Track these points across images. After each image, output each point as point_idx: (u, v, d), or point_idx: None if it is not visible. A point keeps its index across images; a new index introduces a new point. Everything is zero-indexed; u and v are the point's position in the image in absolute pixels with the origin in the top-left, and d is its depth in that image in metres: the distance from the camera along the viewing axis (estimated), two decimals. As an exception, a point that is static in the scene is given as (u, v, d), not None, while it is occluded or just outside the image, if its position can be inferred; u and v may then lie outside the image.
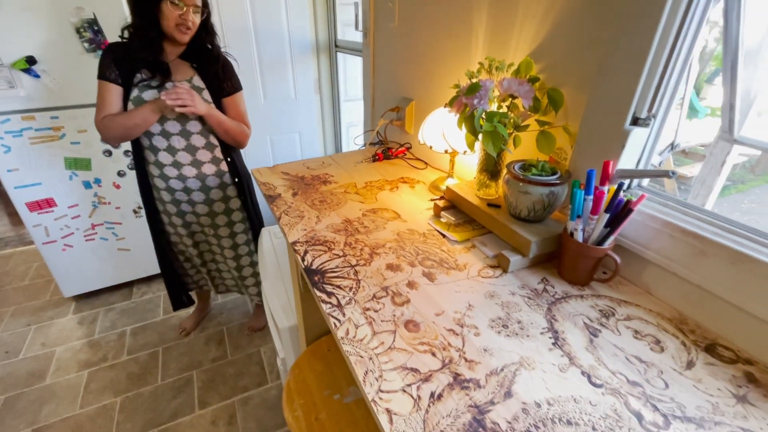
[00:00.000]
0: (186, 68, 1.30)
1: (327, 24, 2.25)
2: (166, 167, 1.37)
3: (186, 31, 1.20)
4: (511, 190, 0.75)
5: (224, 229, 1.57)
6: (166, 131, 1.31)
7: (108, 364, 1.76)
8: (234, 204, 1.53)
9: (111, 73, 1.20)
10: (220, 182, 1.47)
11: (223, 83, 1.35)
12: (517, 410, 0.49)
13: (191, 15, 1.18)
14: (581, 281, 0.71)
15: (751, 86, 0.84)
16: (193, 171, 1.40)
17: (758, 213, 3.36)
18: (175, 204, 1.46)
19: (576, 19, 0.72)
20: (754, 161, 3.97)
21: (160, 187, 1.42)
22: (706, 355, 0.58)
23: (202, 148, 1.38)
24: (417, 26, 1.18)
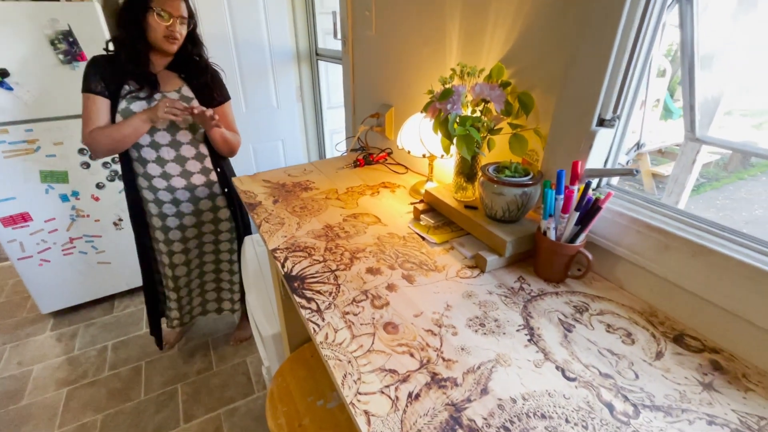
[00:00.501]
0: (174, 79, 1.30)
1: (307, 33, 2.26)
2: (154, 179, 1.36)
3: (174, 42, 1.20)
4: (486, 192, 0.77)
5: (209, 236, 1.56)
6: (155, 142, 1.30)
7: (88, 380, 1.71)
8: (222, 214, 1.53)
9: (97, 86, 1.19)
10: (209, 192, 1.46)
11: (212, 93, 1.35)
12: (493, 406, 0.50)
13: (178, 26, 1.18)
14: (556, 278, 0.72)
15: (714, 88, 0.88)
16: (182, 182, 1.39)
17: (732, 209, 3.48)
18: (161, 218, 1.44)
19: (542, 26, 0.75)
20: (727, 159, 4.11)
21: (148, 199, 1.40)
22: (675, 346, 0.60)
23: (191, 159, 1.38)
24: (393, 34, 1.20)
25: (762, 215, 3.29)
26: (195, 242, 1.54)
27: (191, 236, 1.51)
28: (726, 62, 0.86)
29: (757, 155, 0.85)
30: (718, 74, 0.87)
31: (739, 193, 3.64)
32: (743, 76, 0.94)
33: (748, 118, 1.24)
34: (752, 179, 3.85)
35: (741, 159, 3.97)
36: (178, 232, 1.48)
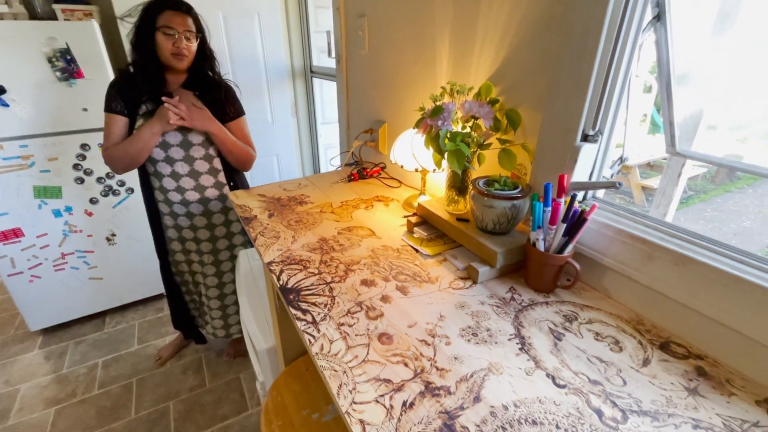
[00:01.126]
0: (189, 96, 1.33)
1: (302, 51, 2.32)
2: (170, 192, 1.39)
3: (182, 59, 1.23)
4: (477, 205, 0.79)
5: (224, 253, 1.58)
6: (169, 157, 1.34)
7: (77, 399, 1.68)
8: (236, 228, 1.56)
9: (116, 105, 1.24)
10: (223, 206, 1.49)
11: (226, 108, 1.38)
12: (485, 414, 0.51)
13: (184, 41, 1.21)
14: (546, 288, 0.74)
15: (693, 104, 0.92)
16: (197, 195, 1.43)
17: (720, 221, 3.55)
18: (177, 230, 1.47)
19: (527, 46, 0.78)
20: (714, 172, 4.22)
21: (164, 212, 1.44)
22: (661, 353, 0.61)
23: (205, 173, 1.41)
24: (386, 53, 1.24)
25: (750, 227, 3.36)
26: (211, 257, 1.55)
27: (207, 250, 1.53)
28: (705, 79, 0.90)
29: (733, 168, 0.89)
30: (697, 91, 0.91)
31: (727, 205, 3.72)
32: (725, 91, 0.98)
33: (734, 132, 1.29)
34: (739, 191, 3.94)
35: (727, 172, 4.07)
36: (193, 243, 1.51)
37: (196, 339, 1.82)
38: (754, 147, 1.27)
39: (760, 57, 0.79)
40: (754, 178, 4.10)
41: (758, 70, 0.83)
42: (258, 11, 2.05)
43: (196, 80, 1.34)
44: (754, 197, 3.87)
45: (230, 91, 1.41)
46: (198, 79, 1.34)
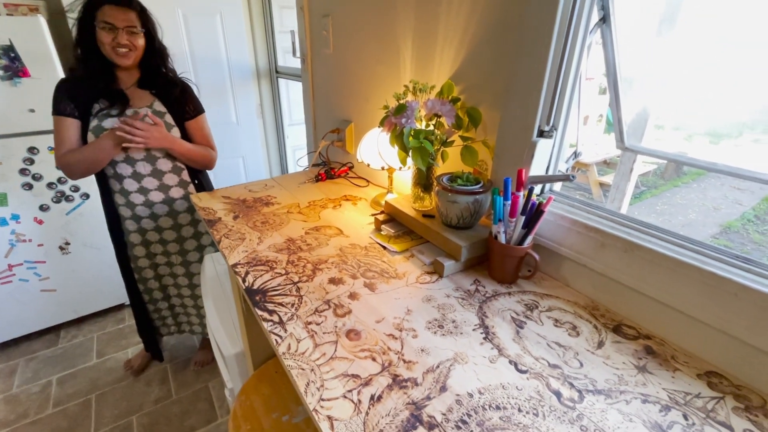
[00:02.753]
0: (145, 95, 1.28)
1: (266, 50, 2.28)
2: (132, 194, 1.33)
3: (125, 54, 1.17)
4: (441, 201, 0.81)
5: (193, 254, 1.53)
6: (130, 158, 1.28)
7: (29, 420, 1.57)
8: (202, 227, 1.51)
9: (66, 107, 1.17)
10: (188, 206, 1.44)
11: (184, 106, 1.34)
12: (451, 402, 0.52)
13: (126, 36, 1.15)
14: (508, 279, 0.77)
15: (640, 103, 0.99)
16: (161, 196, 1.37)
17: (670, 213, 3.79)
18: (141, 233, 1.41)
19: (485, 47, 0.81)
20: (663, 168, 4.50)
21: (125, 216, 1.37)
22: (614, 335, 0.65)
23: (168, 172, 1.36)
24: (351, 53, 1.25)
25: (695, 219, 3.61)
26: (179, 258, 1.51)
27: (174, 251, 1.49)
28: (650, 80, 0.97)
29: (676, 161, 0.95)
30: (643, 90, 0.97)
31: (675, 199, 3.98)
32: (668, 92, 1.05)
33: (679, 131, 1.37)
34: (685, 186, 4.23)
35: (675, 168, 4.36)
36: (159, 246, 1.45)
37: (153, 354, 1.76)
38: (698, 144, 1.37)
39: (700, 59, 0.85)
40: (699, 173, 4.41)
41: (699, 71, 0.89)
42: (220, 10, 2.00)
43: (150, 78, 1.29)
44: (698, 191, 4.16)
45: (187, 89, 1.37)
46: (152, 77, 1.29)
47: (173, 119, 1.32)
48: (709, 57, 0.85)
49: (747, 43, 0.75)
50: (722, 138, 1.15)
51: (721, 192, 4.10)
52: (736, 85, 0.85)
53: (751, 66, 0.76)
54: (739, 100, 0.91)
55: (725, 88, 0.89)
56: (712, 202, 3.92)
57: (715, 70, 0.88)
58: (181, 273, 1.54)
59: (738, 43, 0.76)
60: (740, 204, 3.81)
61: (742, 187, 4.05)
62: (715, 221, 3.59)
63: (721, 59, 0.82)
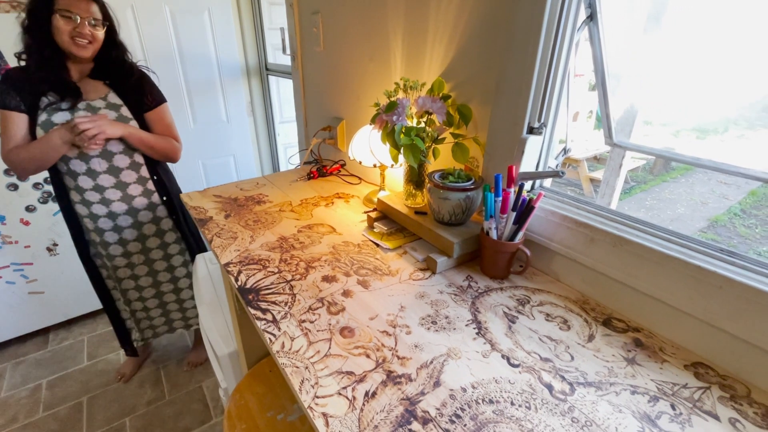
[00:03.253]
0: (98, 86, 1.22)
1: (256, 48, 2.26)
2: (87, 192, 1.27)
3: (85, 45, 1.12)
4: (433, 198, 0.81)
5: (157, 252, 1.48)
6: (92, 170, 1.23)
7: (19, 425, 1.55)
8: (166, 224, 1.46)
9: (11, 101, 1.11)
10: (149, 203, 1.39)
11: (143, 97, 1.27)
12: (445, 397, 0.53)
13: (88, 28, 1.11)
14: (500, 275, 0.78)
15: (628, 99, 1.00)
16: (118, 194, 1.31)
17: (658, 208, 3.84)
18: (99, 233, 1.35)
19: (474, 45, 0.81)
20: (652, 164, 4.56)
21: (83, 215, 1.32)
22: (604, 328, 0.66)
23: (126, 169, 1.30)
24: (341, 50, 1.24)
25: (684, 213, 3.67)
26: (142, 257, 1.46)
27: (135, 251, 1.43)
28: (637, 76, 0.98)
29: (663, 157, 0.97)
30: (631, 87, 0.98)
31: (664, 194, 4.05)
32: (655, 89, 1.07)
33: (667, 127, 1.40)
34: (674, 181, 4.30)
35: (664, 163, 4.42)
36: (119, 246, 1.39)
37: (127, 351, 1.70)
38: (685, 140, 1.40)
39: (688, 56, 0.87)
40: (686, 169, 4.48)
41: (686, 68, 0.90)
42: (208, 7, 1.98)
43: (104, 68, 1.22)
44: (686, 186, 4.23)
45: (145, 78, 1.29)
46: (106, 67, 1.22)
47: (130, 111, 1.25)
48: (696, 53, 0.86)
49: (734, 40, 0.76)
50: (708, 134, 1.16)
51: (708, 187, 4.17)
52: (723, 81, 0.87)
53: (738, 62, 0.77)
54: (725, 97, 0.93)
55: (712, 85, 0.91)
56: (700, 197, 3.99)
57: (702, 67, 0.89)
58: (143, 273, 1.49)
59: (725, 39, 0.78)
60: (727, 198, 3.88)
61: (729, 182, 4.12)
62: (703, 216, 3.66)
63: (708, 56, 0.84)
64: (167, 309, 1.63)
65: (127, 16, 1.77)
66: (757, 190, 3.92)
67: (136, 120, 1.27)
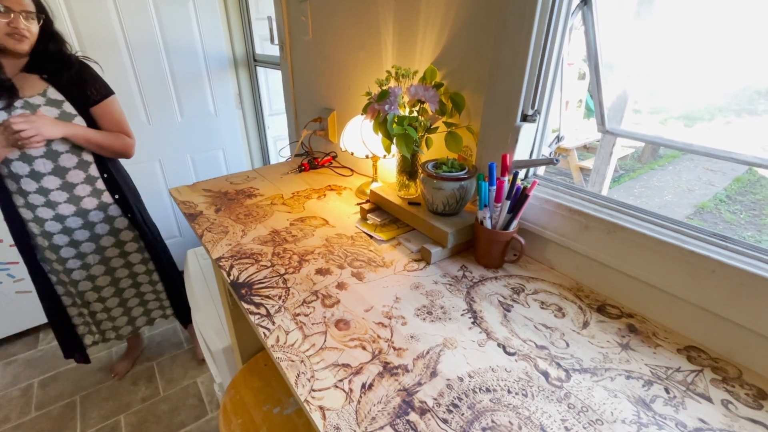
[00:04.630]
0: (35, 81, 1.15)
1: (243, 38, 2.21)
2: (30, 195, 1.20)
3: (20, 40, 1.06)
4: (427, 188, 0.80)
5: (112, 250, 1.41)
6: (27, 155, 1.15)
7: (11, 425, 1.53)
8: (120, 223, 1.39)
9: None
10: (99, 202, 1.32)
11: (85, 90, 1.19)
12: (442, 387, 0.53)
13: (23, 22, 1.04)
14: (495, 264, 0.78)
15: (620, 86, 1.00)
16: (64, 195, 1.24)
17: (647, 196, 3.89)
18: (46, 236, 1.28)
19: (467, 31, 0.80)
20: (640, 152, 4.60)
21: (27, 219, 1.24)
22: (598, 315, 0.67)
23: (73, 168, 1.23)
24: (331, 38, 1.22)
25: (671, 200, 3.72)
26: (97, 257, 1.39)
27: (89, 251, 1.36)
28: (628, 63, 0.98)
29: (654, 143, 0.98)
30: (622, 74, 0.98)
31: (652, 182, 4.09)
32: (645, 76, 1.07)
33: (655, 115, 1.40)
34: (661, 169, 4.35)
35: (652, 151, 4.47)
36: (70, 249, 1.33)
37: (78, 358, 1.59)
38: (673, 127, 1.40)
39: (677, 43, 0.86)
40: (674, 156, 4.53)
41: (676, 55, 0.90)
42: (192, -4, 1.93)
43: (40, 62, 1.14)
44: (673, 173, 4.28)
45: (87, 69, 1.21)
46: (42, 60, 1.14)
47: (74, 107, 1.18)
48: (685, 41, 0.86)
49: (723, 27, 0.76)
50: (696, 121, 1.17)
51: (695, 174, 4.23)
52: (712, 68, 0.87)
53: (725, 49, 0.77)
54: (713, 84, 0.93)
55: (701, 72, 0.91)
56: (687, 184, 4.05)
57: (692, 53, 0.89)
58: (100, 273, 1.43)
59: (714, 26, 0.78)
60: (713, 185, 3.94)
61: (715, 169, 4.18)
62: (690, 202, 3.71)
63: (698, 42, 0.83)
64: (128, 306, 1.55)
65: (108, 6, 1.72)
66: (742, 177, 3.98)
67: (81, 116, 1.20)
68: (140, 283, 1.54)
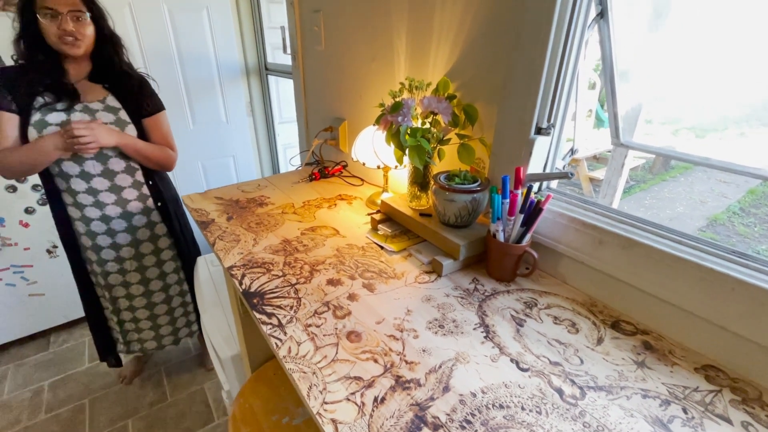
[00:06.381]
0: (97, 89, 1.20)
1: (255, 47, 2.25)
2: (79, 195, 1.24)
3: (74, 42, 1.09)
4: (439, 200, 0.80)
5: (150, 258, 1.45)
6: (79, 156, 1.19)
7: (21, 426, 1.54)
8: (160, 230, 1.43)
9: (2, 100, 1.08)
10: (144, 207, 1.36)
11: (141, 102, 1.26)
12: (455, 402, 0.52)
13: (71, 23, 1.07)
14: (507, 278, 0.77)
15: (633, 98, 0.99)
16: (112, 197, 1.29)
17: (658, 207, 3.84)
18: (91, 236, 1.32)
19: (481, 43, 0.81)
20: (651, 163, 4.56)
21: (74, 217, 1.29)
22: (612, 331, 0.66)
23: (121, 172, 1.28)
24: (343, 49, 1.23)
25: (683, 212, 3.67)
26: (134, 263, 1.42)
27: (128, 256, 1.40)
28: (642, 75, 0.97)
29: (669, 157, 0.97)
30: (636, 86, 0.98)
31: (663, 193, 4.04)
32: (658, 87, 1.07)
33: (666, 126, 1.39)
34: (673, 180, 4.29)
35: (663, 162, 4.42)
36: (111, 251, 1.36)
37: (110, 362, 1.63)
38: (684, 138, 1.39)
39: (691, 54, 0.86)
40: (686, 167, 4.47)
41: (689, 66, 0.90)
42: (207, 5, 1.96)
43: (103, 71, 1.20)
44: (685, 185, 4.23)
45: (146, 84, 1.28)
46: (105, 70, 1.20)
47: (129, 116, 1.24)
48: (699, 52, 0.85)
49: (737, 38, 0.75)
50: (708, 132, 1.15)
51: (708, 185, 4.17)
52: (726, 79, 0.86)
53: (741, 61, 0.77)
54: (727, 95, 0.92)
55: (714, 83, 0.90)
56: (699, 196, 3.99)
57: (706, 65, 0.88)
58: (135, 281, 1.45)
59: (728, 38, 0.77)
60: (726, 197, 3.88)
61: (728, 181, 4.12)
62: (702, 214, 3.66)
63: (712, 54, 0.83)
64: (157, 323, 1.57)
65: (124, 14, 1.76)
66: (756, 189, 3.92)
67: (133, 124, 1.25)
68: (171, 296, 1.55)
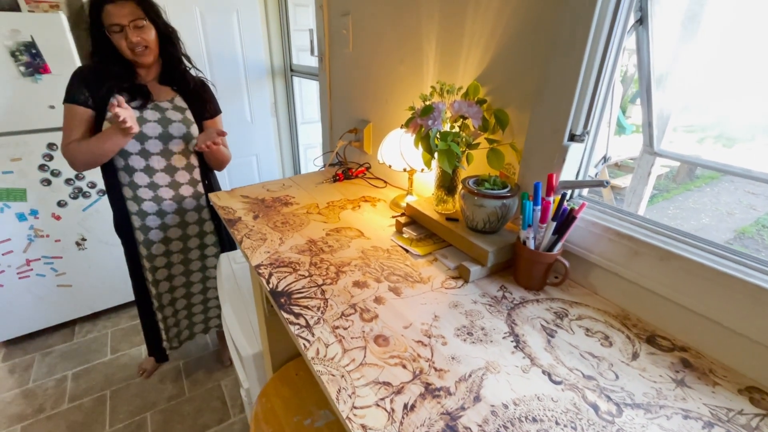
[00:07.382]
0: (166, 90, 1.28)
1: (281, 49, 2.28)
2: (140, 189, 1.30)
3: (143, 51, 1.17)
4: (467, 204, 0.79)
5: (195, 252, 1.51)
6: (146, 150, 1.25)
7: (45, 415, 1.59)
8: (207, 227, 1.50)
9: (79, 96, 1.14)
10: (196, 204, 1.42)
11: (204, 105, 1.34)
12: (486, 413, 0.51)
13: (136, 33, 1.12)
14: (536, 286, 0.75)
15: (664, 106, 0.97)
16: (170, 193, 1.35)
17: (682, 218, 3.73)
18: (144, 231, 1.37)
19: (514, 47, 0.80)
20: (675, 171, 4.42)
21: (132, 211, 1.34)
22: (648, 346, 0.63)
23: (181, 169, 1.34)
24: (371, 52, 1.24)
25: (708, 223, 3.55)
26: (180, 257, 1.48)
27: (176, 250, 1.46)
28: (675, 83, 0.95)
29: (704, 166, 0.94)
30: (669, 93, 0.95)
31: (688, 203, 3.92)
32: (685, 95, 1.04)
33: (692, 134, 1.35)
34: (698, 190, 4.16)
35: (687, 171, 4.29)
36: (161, 245, 1.42)
37: (157, 357, 1.70)
38: (709, 147, 1.34)
39: (717, 67, 0.83)
40: (712, 177, 4.33)
41: (718, 76, 0.87)
42: (237, 8, 2.00)
43: (170, 74, 1.28)
44: (711, 195, 4.09)
45: (207, 88, 1.38)
46: (172, 73, 1.28)
47: (194, 116, 1.31)
48: (730, 60, 0.83)
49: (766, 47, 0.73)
50: (735, 141, 1.11)
51: (735, 197, 4.02)
52: (755, 88, 0.83)
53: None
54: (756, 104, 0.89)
55: (743, 92, 0.87)
56: (726, 207, 3.85)
57: (735, 74, 0.85)
58: (179, 272, 1.51)
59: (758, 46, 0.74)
60: (755, 209, 3.74)
61: (757, 192, 3.97)
62: (729, 226, 3.53)
63: (742, 63, 0.80)
64: (192, 311, 1.63)
65: (158, 17, 1.81)
66: (788, 201, 3.76)
67: (197, 125, 1.33)
68: (208, 288, 1.62)
